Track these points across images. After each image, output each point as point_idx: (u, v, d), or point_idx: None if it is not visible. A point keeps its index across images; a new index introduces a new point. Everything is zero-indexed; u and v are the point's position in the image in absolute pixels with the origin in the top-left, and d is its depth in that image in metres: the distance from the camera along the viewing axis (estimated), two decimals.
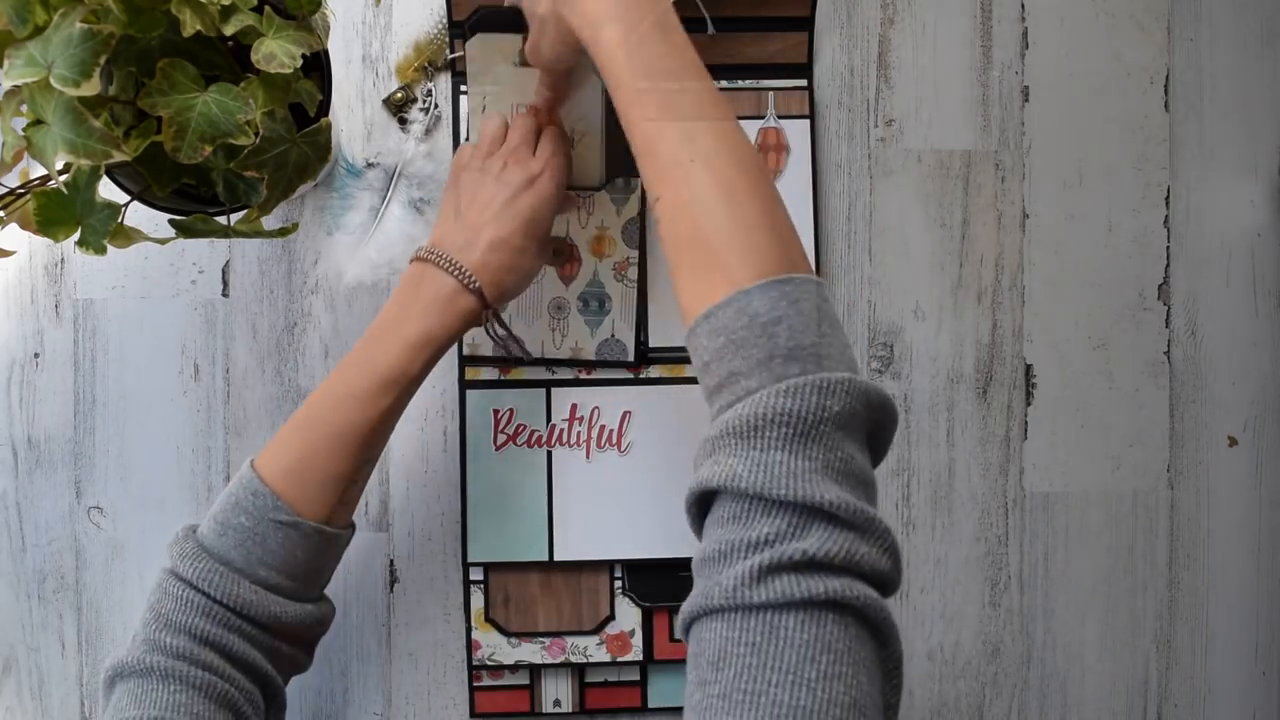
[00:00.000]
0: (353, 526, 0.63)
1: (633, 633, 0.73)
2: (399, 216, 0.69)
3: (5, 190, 0.56)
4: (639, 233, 0.73)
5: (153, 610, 0.56)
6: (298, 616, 0.58)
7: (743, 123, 0.73)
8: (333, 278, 0.74)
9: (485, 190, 0.62)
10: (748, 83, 0.74)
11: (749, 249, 0.48)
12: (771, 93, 0.74)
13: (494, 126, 0.65)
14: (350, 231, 0.69)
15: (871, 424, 0.47)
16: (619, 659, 0.73)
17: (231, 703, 0.55)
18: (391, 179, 0.72)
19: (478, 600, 0.73)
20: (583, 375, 0.74)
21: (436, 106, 0.74)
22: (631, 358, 0.73)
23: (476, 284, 0.60)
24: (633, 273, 0.73)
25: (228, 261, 0.75)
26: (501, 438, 0.73)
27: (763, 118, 0.74)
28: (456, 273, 0.60)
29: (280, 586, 0.58)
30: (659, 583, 0.73)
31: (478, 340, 0.73)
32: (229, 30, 0.52)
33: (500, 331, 0.65)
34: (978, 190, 0.77)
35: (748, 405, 0.45)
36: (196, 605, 0.56)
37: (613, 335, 0.73)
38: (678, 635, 0.47)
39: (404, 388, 0.60)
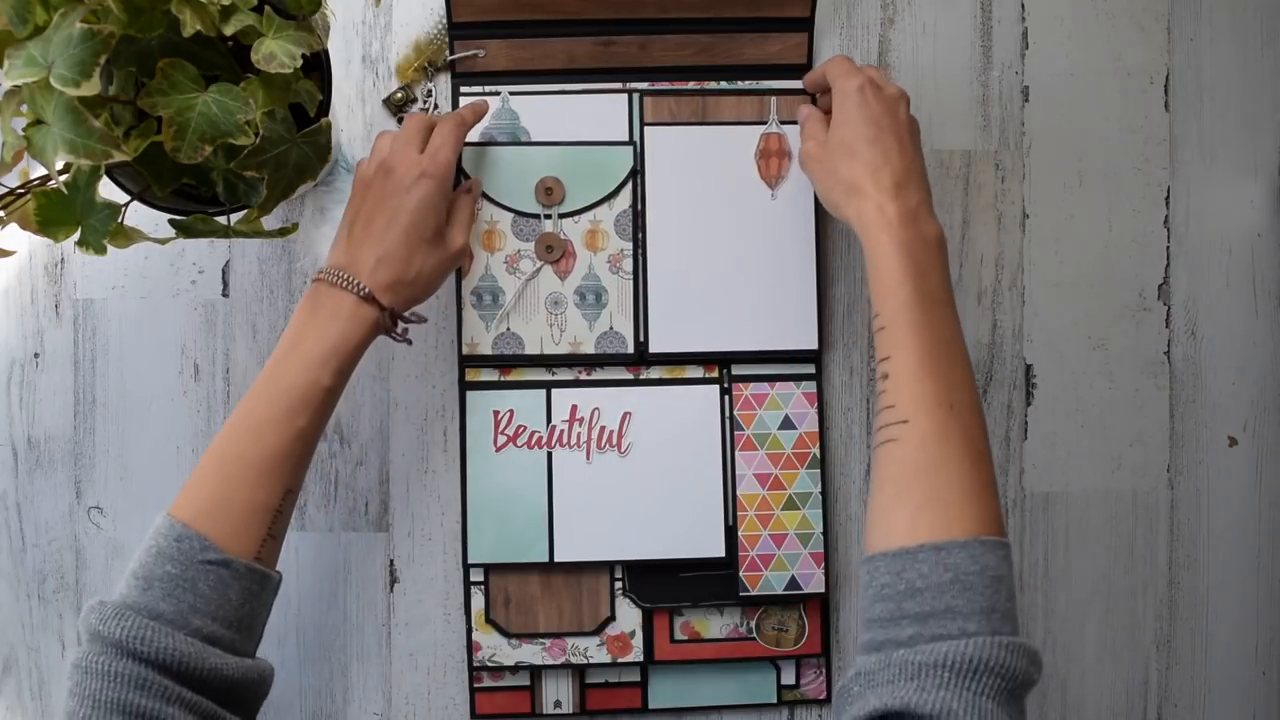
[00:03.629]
0: (280, 574, 0.60)
1: (633, 634, 0.73)
2: None
3: (5, 190, 0.56)
4: (632, 225, 0.73)
5: (75, 696, 0.50)
6: (239, 671, 0.54)
7: (745, 128, 0.74)
8: (313, 270, 0.74)
9: (367, 205, 0.64)
10: (748, 83, 0.74)
11: (984, 506, 0.53)
12: (774, 97, 0.74)
13: (385, 141, 0.66)
14: (337, 224, 0.69)
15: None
16: (619, 660, 0.73)
17: None
18: None
19: (478, 601, 0.73)
20: (583, 376, 0.74)
21: (437, 107, 0.74)
22: (630, 349, 0.73)
23: (368, 291, 0.61)
24: (628, 264, 0.73)
25: (228, 261, 0.75)
26: (501, 439, 0.73)
27: (764, 123, 0.74)
28: (351, 287, 0.61)
29: (217, 636, 0.54)
30: (659, 584, 0.73)
31: (476, 339, 0.73)
32: (229, 30, 0.52)
33: (400, 330, 0.65)
34: (978, 190, 0.77)
35: (969, 647, 0.47)
36: (127, 678, 0.50)
37: (611, 328, 0.73)
38: None
39: (317, 404, 0.59)
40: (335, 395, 0.61)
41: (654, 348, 0.73)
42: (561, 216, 0.73)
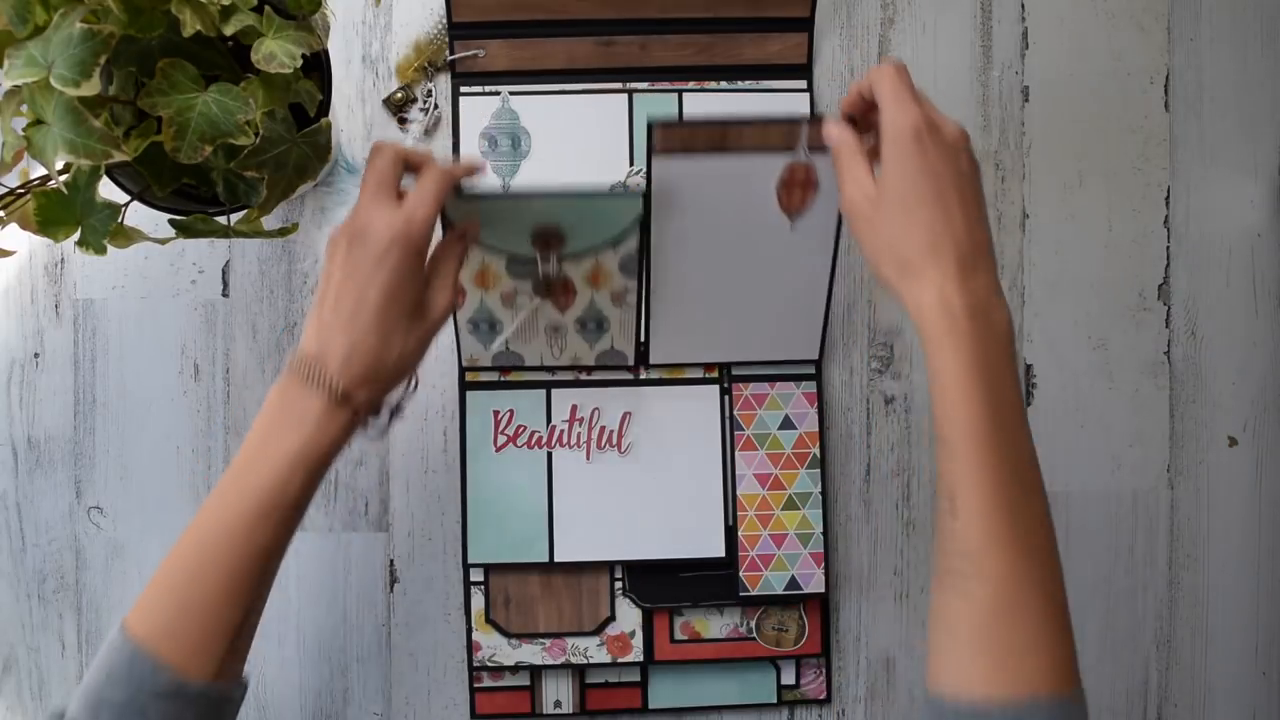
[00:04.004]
0: (246, 682, 0.55)
1: (633, 634, 0.73)
2: None
3: (5, 190, 0.56)
4: (637, 265, 0.67)
5: None
6: None
7: (771, 156, 0.63)
8: (314, 270, 0.74)
9: (336, 279, 0.56)
10: (748, 83, 0.74)
11: (1062, 660, 0.50)
12: (805, 126, 0.61)
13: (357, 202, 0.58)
14: (336, 224, 0.69)
15: None
16: (619, 660, 0.73)
17: None
18: None
19: (478, 601, 0.73)
20: (583, 376, 0.74)
21: (436, 107, 0.74)
22: (631, 362, 0.73)
23: (341, 390, 0.54)
24: (631, 298, 0.69)
25: (228, 261, 0.75)
26: (502, 439, 0.73)
27: (792, 150, 0.62)
28: (322, 385, 0.54)
29: None
30: (659, 584, 0.73)
31: (476, 356, 0.72)
32: (229, 30, 0.52)
33: (380, 425, 0.59)
34: None
35: None
36: None
37: (612, 347, 0.73)
38: None
39: (283, 515, 0.53)
40: (302, 508, 0.55)
41: (654, 359, 0.73)
42: (562, 259, 0.66)
